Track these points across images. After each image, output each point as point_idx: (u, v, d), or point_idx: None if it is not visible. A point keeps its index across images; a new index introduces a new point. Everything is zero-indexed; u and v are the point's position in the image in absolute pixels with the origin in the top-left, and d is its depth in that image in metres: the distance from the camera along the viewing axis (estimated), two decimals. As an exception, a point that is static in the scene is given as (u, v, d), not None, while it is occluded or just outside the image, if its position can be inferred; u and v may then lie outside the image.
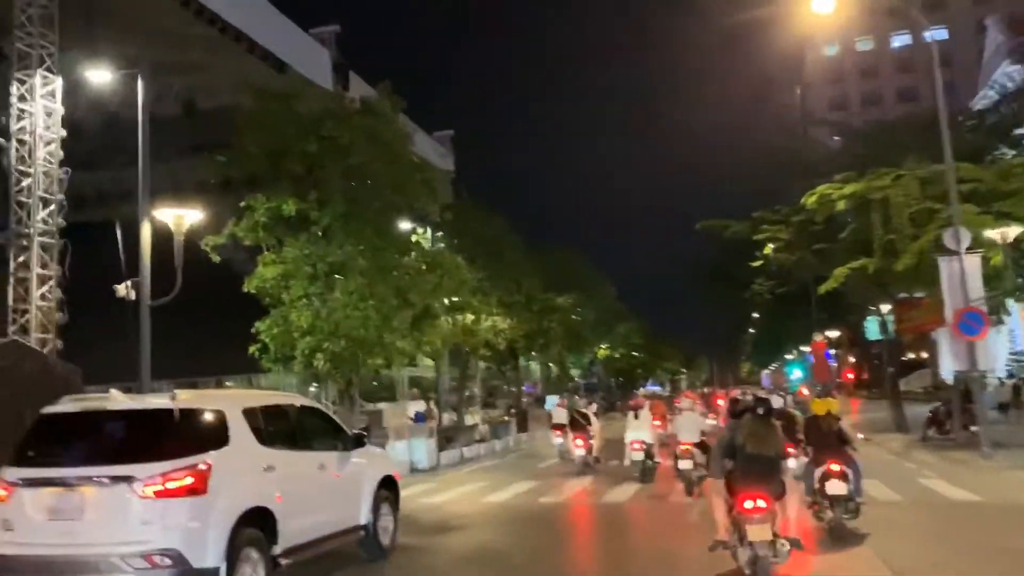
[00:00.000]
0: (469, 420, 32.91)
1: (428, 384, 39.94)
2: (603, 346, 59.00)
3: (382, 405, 29.15)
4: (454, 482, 19.00)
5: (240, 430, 7.51)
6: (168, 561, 6.47)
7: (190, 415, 7.30)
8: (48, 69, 15.40)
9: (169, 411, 7.18)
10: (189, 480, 6.72)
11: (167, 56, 25.26)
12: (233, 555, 6.87)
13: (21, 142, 14.88)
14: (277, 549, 7.53)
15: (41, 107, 15.23)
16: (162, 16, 22.72)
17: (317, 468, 8.67)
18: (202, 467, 6.81)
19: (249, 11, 23.97)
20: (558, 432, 21.92)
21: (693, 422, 14.86)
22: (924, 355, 46.75)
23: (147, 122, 13.43)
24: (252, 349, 19.06)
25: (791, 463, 9.00)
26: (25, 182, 14.67)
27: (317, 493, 8.58)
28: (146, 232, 13.01)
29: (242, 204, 19.48)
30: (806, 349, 59.10)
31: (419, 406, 27.25)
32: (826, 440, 9.89)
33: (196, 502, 6.71)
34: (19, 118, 14.97)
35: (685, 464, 14.02)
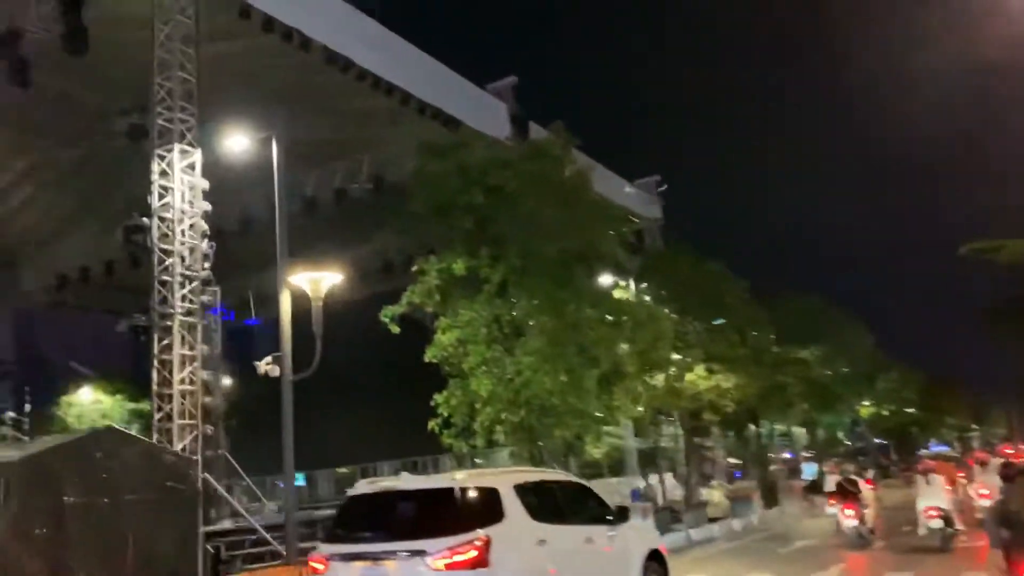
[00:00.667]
0: (707, 495, 29.16)
1: (667, 454, 36.63)
2: (865, 403, 51.80)
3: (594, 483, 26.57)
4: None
5: (513, 506, 8.03)
6: None
7: (469, 493, 7.97)
8: (189, 143, 15.42)
9: (451, 490, 7.93)
10: (473, 553, 7.33)
11: (354, 134, 25.54)
12: None
13: (163, 219, 14.86)
14: None
15: (183, 181, 15.18)
16: (340, 94, 22.81)
17: (585, 541, 8.96)
18: (483, 542, 7.40)
19: (423, 76, 23.58)
20: (832, 501, 19.75)
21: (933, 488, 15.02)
22: None
23: (282, 182, 12.56)
24: (432, 424, 17.52)
25: None
26: (169, 261, 14.54)
27: (587, 566, 8.90)
28: (285, 301, 11.89)
29: (414, 268, 18.39)
30: None
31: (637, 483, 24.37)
32: None
33: (480, 574, 7.31)
34: (160, 196, 14.97)
35: None
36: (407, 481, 8.67)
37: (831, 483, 20.23)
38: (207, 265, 15.18)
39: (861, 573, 14.58)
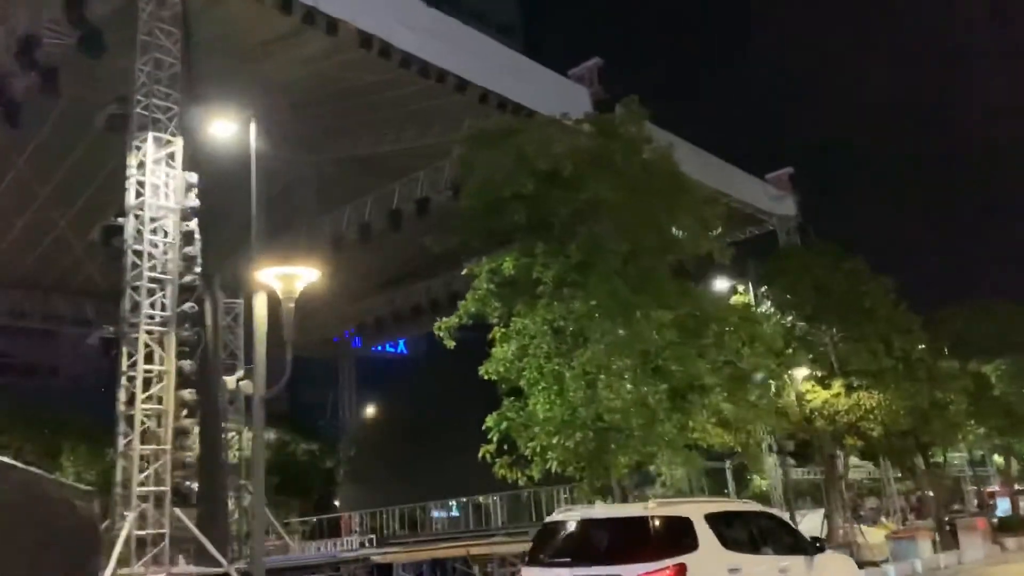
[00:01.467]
0: (858, 534, 24.84)
1: (807, 489, 32.20)
2: None
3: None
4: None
5: (706, 535, 8.25)
6: None
7: (662, 521, 8.23)
8: (171, 132, 14.08)
9: (645, 518, 8.23)
10: None
11: (436, 139, 24.03)
12: None
13: (137, 217, 13.51)
14: None
15: (164, 174, 13.81)
16: (419, 96, 21.36)
17: (779, 572, 9.01)
18: (679, 568, 7.68)
19: (498, 68, 21.64)
20: None
21: None
22: None
23: (258, 174, 10.88)
24: (483, 451, 15.26)
25: None
26: (144, 263, 13.14)
27: None
28: (260, 305, 10.12)
29: (463, 272, 16.32)
30: None
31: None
32: None
33: None
34: (138, 192, 13.66)
35: None
36: (602, 509, 9.42)
37: None
38: (196, 269, 13.81)
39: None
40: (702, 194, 16.13)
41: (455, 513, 32.31)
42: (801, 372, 21.87)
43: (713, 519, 8.62)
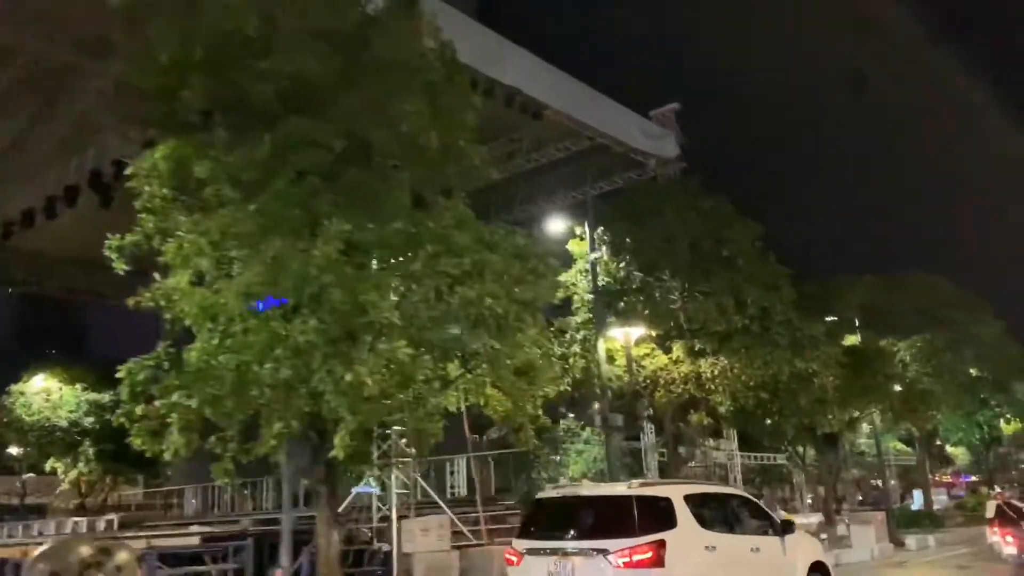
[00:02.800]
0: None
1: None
2: (1004, 412, 41.03)
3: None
4: None
5: (684, 514, 8.85)
6: None
7: (644, 501, 8.88)
8: None
9: (629, 497, 8.95)
10: (650, 554, 8.24)
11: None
12: None
13: None
14: None
15: None
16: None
17: (752, 550, 9.58)
18: (659, 544, 8.31)
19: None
20: (992, 527, 18.58)
21: None
22: None
23: None
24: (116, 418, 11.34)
25: None
26: None
27: (753, 572, 9.53)
28: None
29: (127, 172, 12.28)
30: None
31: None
32: None
33: (656, 573, 8.19)
34: None
35: None
36: (589, 488, 10.48)
37: (991, 509, 18.68)
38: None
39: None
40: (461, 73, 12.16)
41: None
42: (634, 331, 18.31)
43: (691, 499, 9.14)
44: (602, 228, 19.21)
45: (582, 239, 19.11)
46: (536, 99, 21.66)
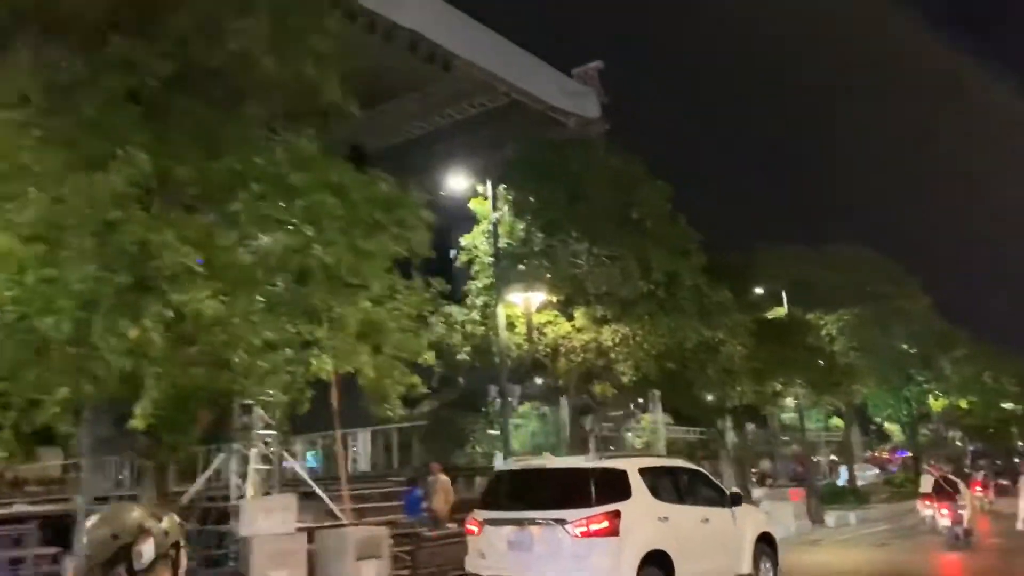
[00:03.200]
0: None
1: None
2: (932, 389, 40.97)
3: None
4: None
5: (639, 486, 9.22)
6: None
7: (601, 473, 9.26)
8: None
9: (587, 469, 9.38)
10: (605, 524, 8.60)
11: None
12: None
13: None
14: None
15: None
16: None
17: (702, 521, 9.96)
18: (615, 514, 8.64)
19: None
20: (924, 501, 19.81)
21: None
22: None
23: None
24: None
25: None
26: None
27: (704, 542, 9.84)
28: None
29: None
30: None
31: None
32: None
33: (612, 542, 8.56)
34: None
35: None
36: (548, 461, 10.53)
37: (924, 484, 19.64)
38: None
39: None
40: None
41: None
42: (535, 296, 17.11)
43: (646, 472, 9.52)
44: (505, 186, 17.91)
45: (485, 198, 17.83)
46: (443, 47, 20.36)
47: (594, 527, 8.57)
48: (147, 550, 2.93)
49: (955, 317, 42.35)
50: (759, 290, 30.96)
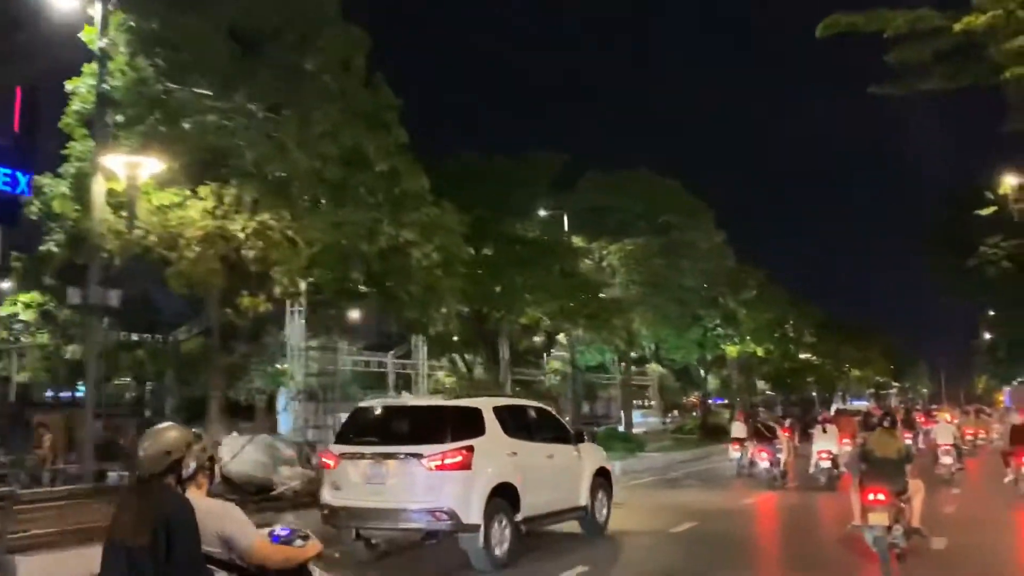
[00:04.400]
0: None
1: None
2: (722, 332, 38.89)
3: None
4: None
5: (492, 423, 9.64)
6: (445, 517, 8.83)
7: (456, 411, 9.80)
8: None
9: (444, 407, 10.12)
10: (459, 458, 8.99)
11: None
12: (488, 517, 9.04)
13: None
14: (518, 517, 9.55)
15: None
16: None
17: (547, 456, 10.55)
18: (468, 449, 9.06)
19: None
20: (736, 446, 21.45)
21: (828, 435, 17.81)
22: None
23: None
24: None
25: None
26: None
27: (548, 476, 10.41)
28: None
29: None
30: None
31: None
32: None
33: (464, 475, 8.96)
34: None
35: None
36: (407, 399, 12.15)
37: (736, 430, 21.63)
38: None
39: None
40: None
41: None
42: (146, 163, 12.06)
43: (499, 410, 9.99)
44: (125, 12, 12.60)
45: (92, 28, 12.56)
46: None
47: (448, 461, 8.95)
48: (191, 464, 3.55)
49: (751, 261, 40.60)
50: (543, 212, 27.25)
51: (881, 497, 8.66)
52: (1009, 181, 21.14)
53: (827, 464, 17.45)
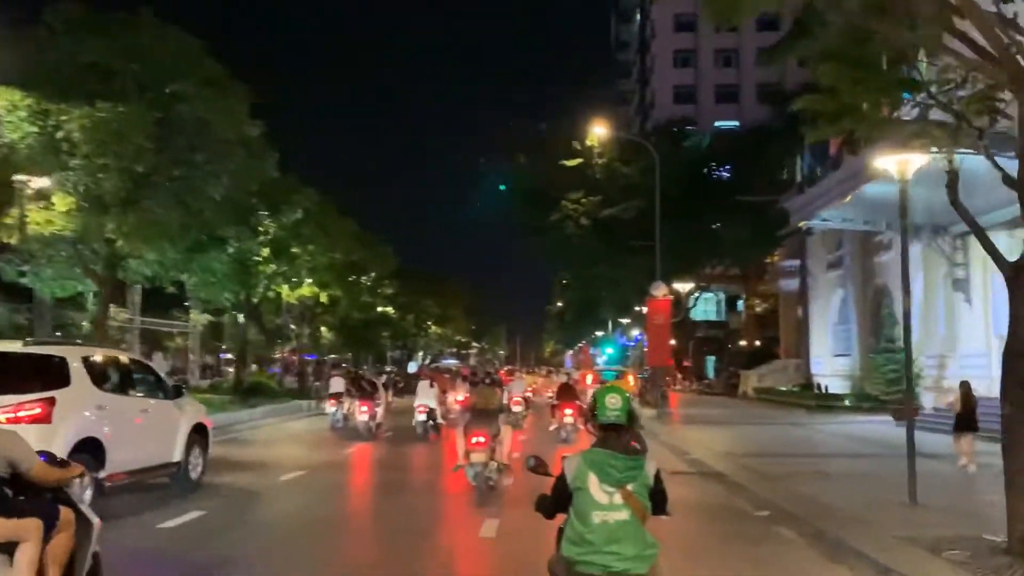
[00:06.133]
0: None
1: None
2: (280, 272, 32.30)
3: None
4: None
5: (79, 374, 9.49)
6: None
7: (39, 359, 9.46)
8: None
9: (25, 355, 9.54)
10: (37, 411, 8.74)
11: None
12: None
13: None
14: (103, 474, 9.35)
15: None
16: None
17: (141, 411, 10.74)
18: (49, 401, 8.86)
19: None
20: (333, 401, 22.80)
21: (428, 391, 20.30)
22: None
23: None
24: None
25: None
26: None
27: (140, 432, 10.58)
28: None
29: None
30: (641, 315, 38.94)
31: None
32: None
33: (41, 429, 8.50)
34: None
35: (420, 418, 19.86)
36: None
37: (335, 385, 23.00)
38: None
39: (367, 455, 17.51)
40: None
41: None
42: None
43: (89, 361, 9.85)
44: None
45: None
46: None
47: (23, 413, 8.64)
48: None
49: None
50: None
51: (482, 440, 11.05)
52: (597, 133, 22.05)
53: (423, 417, 19.57)
